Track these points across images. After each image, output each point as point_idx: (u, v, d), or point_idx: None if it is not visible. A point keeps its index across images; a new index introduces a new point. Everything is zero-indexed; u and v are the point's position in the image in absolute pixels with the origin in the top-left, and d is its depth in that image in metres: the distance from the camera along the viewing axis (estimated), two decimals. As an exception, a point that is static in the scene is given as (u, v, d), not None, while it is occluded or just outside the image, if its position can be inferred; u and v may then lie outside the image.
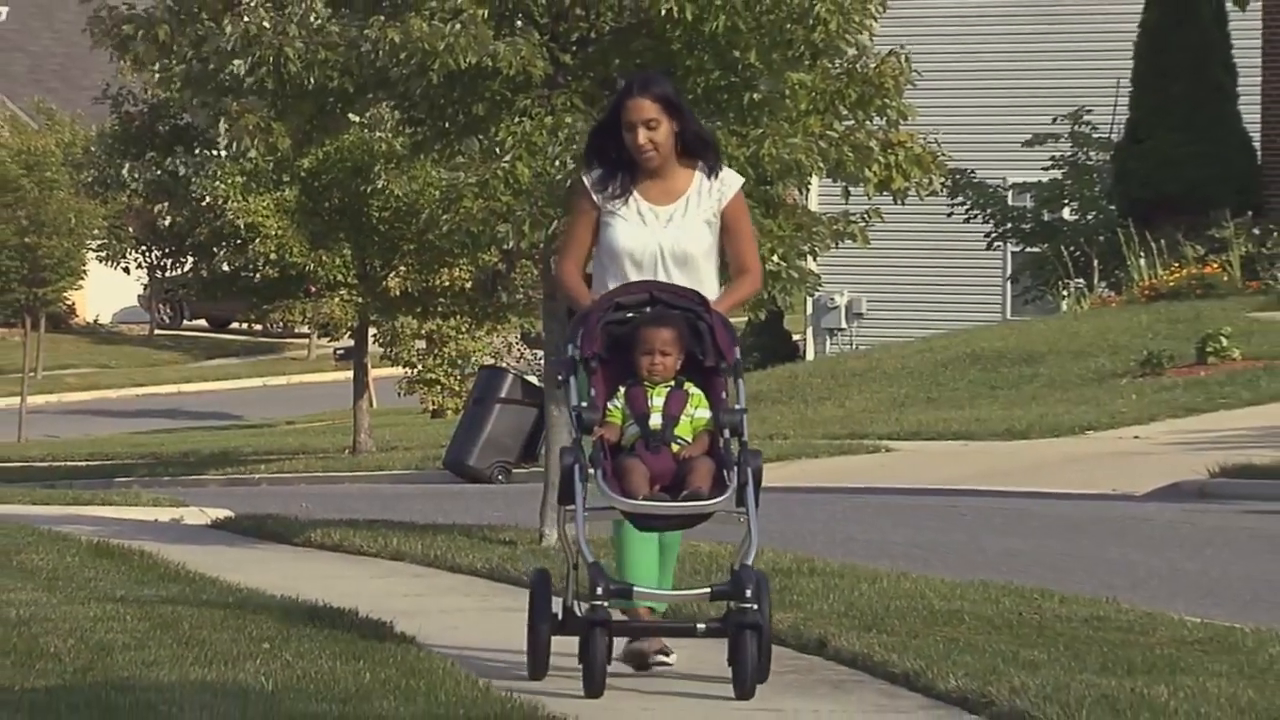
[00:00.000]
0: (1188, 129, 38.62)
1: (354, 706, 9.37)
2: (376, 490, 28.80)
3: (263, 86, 17.14)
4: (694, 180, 10.31)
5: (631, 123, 10.19)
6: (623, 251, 10.27)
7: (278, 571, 15.23)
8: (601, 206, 10.31)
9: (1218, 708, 9.30)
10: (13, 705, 9.40)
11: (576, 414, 9.83)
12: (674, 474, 9.75)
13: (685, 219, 10.26)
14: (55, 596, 13.44)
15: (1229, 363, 32.47)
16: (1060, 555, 17.39)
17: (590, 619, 9.54)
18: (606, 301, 10.06)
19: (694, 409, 9.86)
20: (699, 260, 10.26)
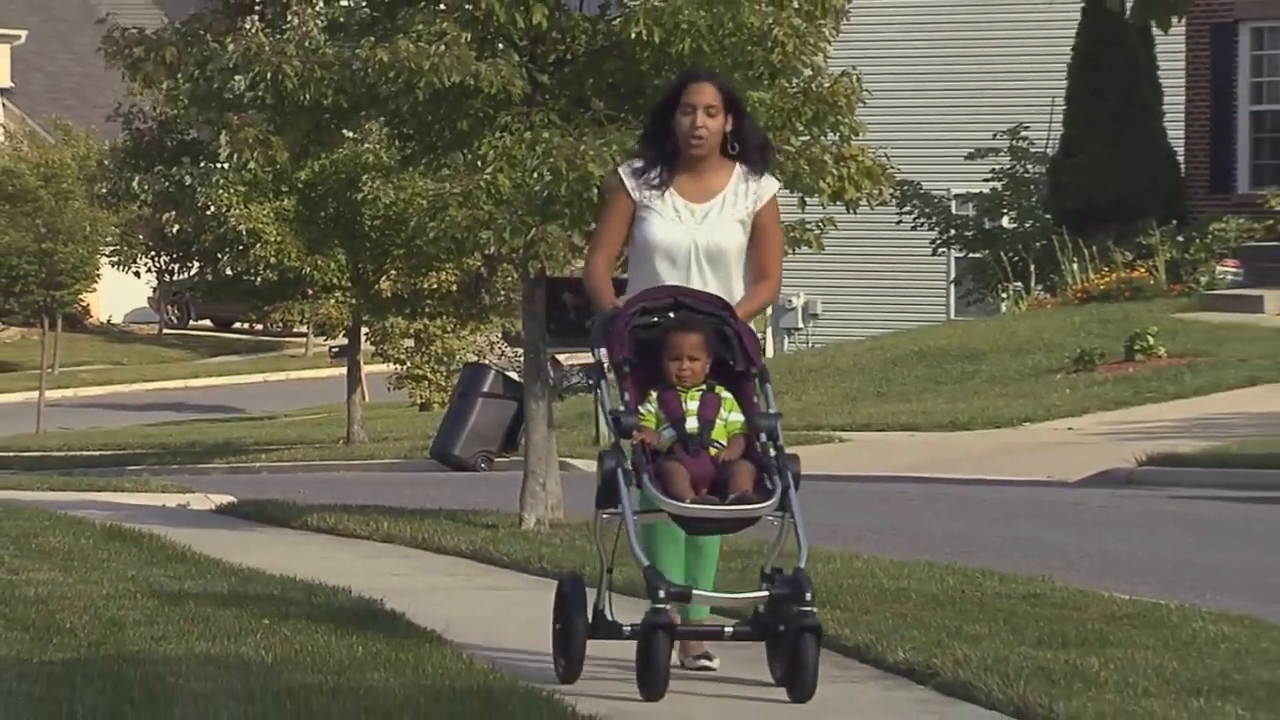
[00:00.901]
0: (1117, 144, 38.70)
1: (347, 678, 9.36)
2: (369, 478, 28.78)
3: (262, 102, 17.14)
4: (731, 180, 9.74)
5: (692, 105, 9.61)
6: (657, 246, 9.73)
7: (277, 553, 15.23)
8: (638, 200, 9.76)
9: (1144, 677, 9.31)
10: (31, 676, 9.39)
11: (615, 418, 9.21)
12: (713, 478, 9.19)
13: (720, 217, 9.71)
14: (71, 576, 13.43)
15: (1155, 360, 32.51)
16: (1000, 537, 17.41)
17: (652, 622, 8.91)
18: (632, 306, 9.48)
19: (727, 413, 9.34)
20: (731, 258, 9.74)
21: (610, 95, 16.79)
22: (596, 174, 16.09)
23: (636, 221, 9.73)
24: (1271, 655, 10.13)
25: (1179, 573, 14.67)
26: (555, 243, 16.62)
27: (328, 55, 16.74)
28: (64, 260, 52.86)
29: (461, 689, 9.06)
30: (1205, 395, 30.02)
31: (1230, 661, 9.90)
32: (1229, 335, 33.41)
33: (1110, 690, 9.04)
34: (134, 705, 8.65)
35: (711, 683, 9.59)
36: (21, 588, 12.74)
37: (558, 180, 16.19)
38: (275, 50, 16.90)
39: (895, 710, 9.18)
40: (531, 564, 14.59)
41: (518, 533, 16.35)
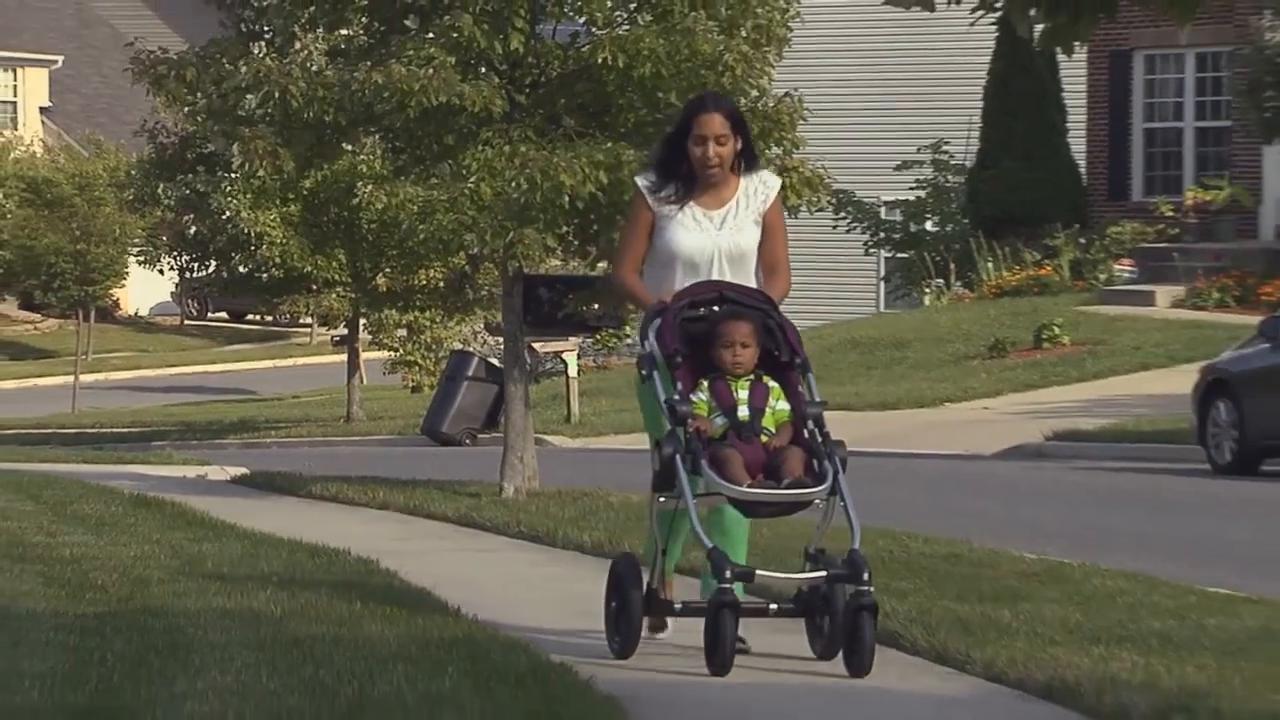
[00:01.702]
0: (1027, 158, 38.81)
1: (347, 629, 9.36)
2: (366, 452, 28.77)
3: (271, 118, 17.12)
4: (739, 185, 9.18)
5: (702, 136, 9.07)
6: (681, 254, 9.11)
7: (285, 518, 15.23)
8: (657, 211, 9.17)
9: (1050, 628, 9.33)
10: (66, 628, 9.38)
11: (670, 407, 8.61)
12: (765, 463, 8.63)
13: (737, 220, 9.15)
14: (102, 539, 13.42)
15: (1060, 347, 32.58)
16: (925, 504, 17.44)
17: (719, 601, 8.40)
18: (681, 300, 8.88)
19: (775, 401, 8.75)
20: (750, 259, 9.16)
21: (580, 113, 16.79)
22: (568, 184, 16.10)
23: (657, 231, 9.19)
24: (1162, 607, 10.15)
25: (1081, 535, 14.71)
26: (531, 244, 16.62)
27: (329, 77, 16.72)
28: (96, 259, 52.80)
29: (448, 638, 9.07)
30: (1104, 379, 30.12)
31: (1126, 613, 9.92)
32: (1124, 326, 33.49)
33: (1020, 639, 9.06)
34: (158, 653, 8.65)
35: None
36: (58, 549, 12.73)
37: (533, 189, 16.19)
38: (282, 72, 16.88)
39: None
40: (511, 528, 14.60)
41: (498, 500, 16.35)
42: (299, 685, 7.90)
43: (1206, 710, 7.60)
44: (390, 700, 7.60)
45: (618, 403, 33.80)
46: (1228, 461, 21.78)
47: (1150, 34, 37.72)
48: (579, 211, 16.47)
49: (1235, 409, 21.82)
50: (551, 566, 12.77)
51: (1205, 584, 11.20)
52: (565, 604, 10.85)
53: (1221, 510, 17.75)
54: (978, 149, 40.22)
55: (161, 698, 7.63)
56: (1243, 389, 21.85)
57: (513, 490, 16.77)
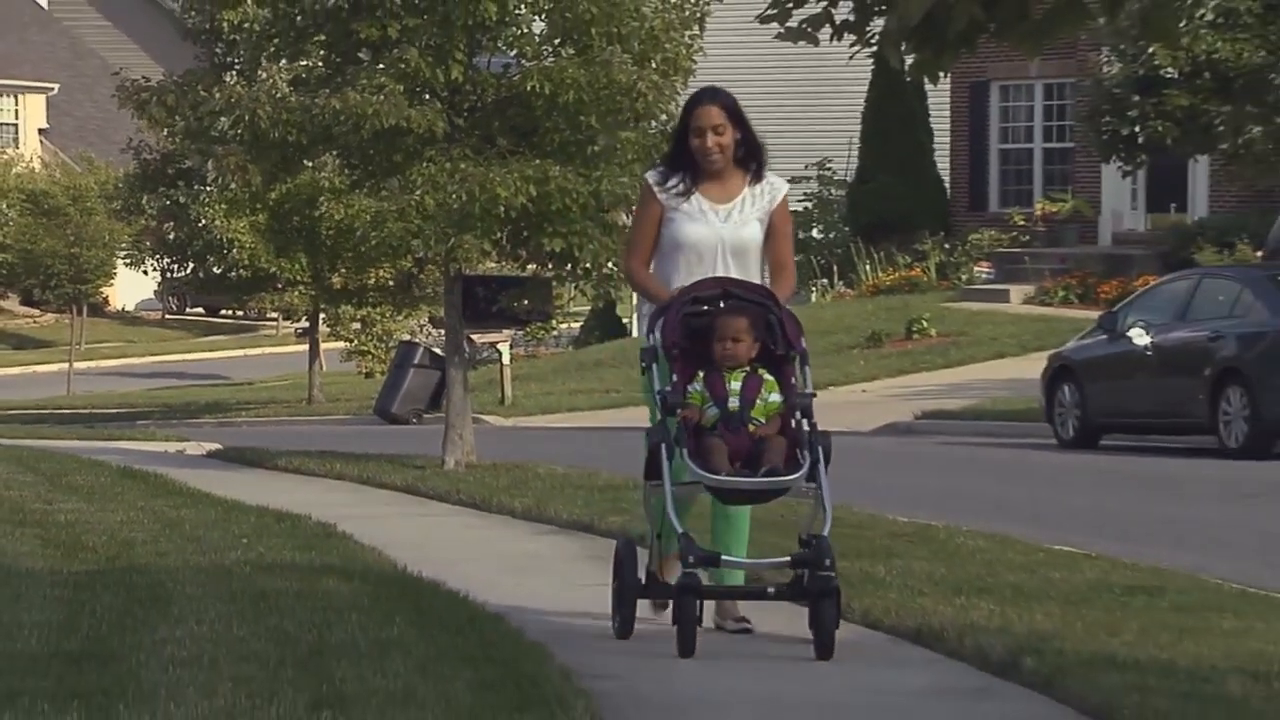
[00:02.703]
0: (900, 174, 38.98)
1: (308, 583, 9.32)
2: (325, 430, 28.67)
3: (241, 138, 17.04)
4: (746, 182, 8.49)
5: (700, 128, 8.39)
6: (686, 244, 8.40)
7: (254, 487, 15.16)
8: (665, 204, 8.44)
9: (919, 581, 9.36)
10: (61, 583, 9.33)
11: (661, 397, 7.96)
12: (751, 452, 7.93)
13: (742, 215, 8.43)
14: (92, 506, 13.34)
15: (928, 338, 32.73)
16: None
17: (682, 584, 7.74)
18: (685, 295, 8.17)
19: (768, 393, 8.03)
20: (753, 253, 8.44)
21: (511, 134, 16.76)
22: (503, 195, 16.08)
23: (665, 223, 8.46)
24: (1015, 563, 10.20)
25: (945, 500, 14.76)
26: (470, 249, 16.60)
27: (292, 102, 16.64)
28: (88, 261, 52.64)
29: (397, 592, 9.05)
30: (965, 365, 30.28)
31: (984, 568, 9.96)
32: (983, 320, 33.65)
33: (893, 591, 9.09)
34: (142, 605, 8.60)
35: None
36: (54, 515, 12.65)
37: (471, 201, 16.16)
38: (251, 98, 16.79)
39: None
40: (451, 496, 14.57)
41: (440, 472, 16.32)
42: (265, 632, 7.87)
43: (1052, 651, 7.64)
44: (345, 645, 7.58)
45: (546, 386, 33.77)
46: (1071, 437, 21.92)
47: (1004, 67, 37.90)
48: (511, 220, 16.46)
49: (1078, 391, 21.96)
50: (487, 529, 12.76)
51: (1052, 543, 11.26)
52: (499, 561, 10.84)
53: (1066, 479, 17.85)
54: (857, 166, 40.40)
55: (145, 644, 7.60)
56: (1084, 374, 21.99)
57: (453, 463, 16.73)
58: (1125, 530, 12.79)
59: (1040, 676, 7.35)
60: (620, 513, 12.32)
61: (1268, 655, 7.59)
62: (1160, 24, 5.45)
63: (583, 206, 16.36)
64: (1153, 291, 22.86)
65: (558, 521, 12.61)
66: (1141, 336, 21.34)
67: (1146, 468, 19.11)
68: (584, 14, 16.28)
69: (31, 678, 6.89)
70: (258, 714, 6.33)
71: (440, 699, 6.57)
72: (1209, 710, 6.63)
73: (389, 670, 7.03)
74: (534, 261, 17.65)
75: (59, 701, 6.46)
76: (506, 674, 7.01)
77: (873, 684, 7.40)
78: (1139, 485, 17.06)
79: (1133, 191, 37.11)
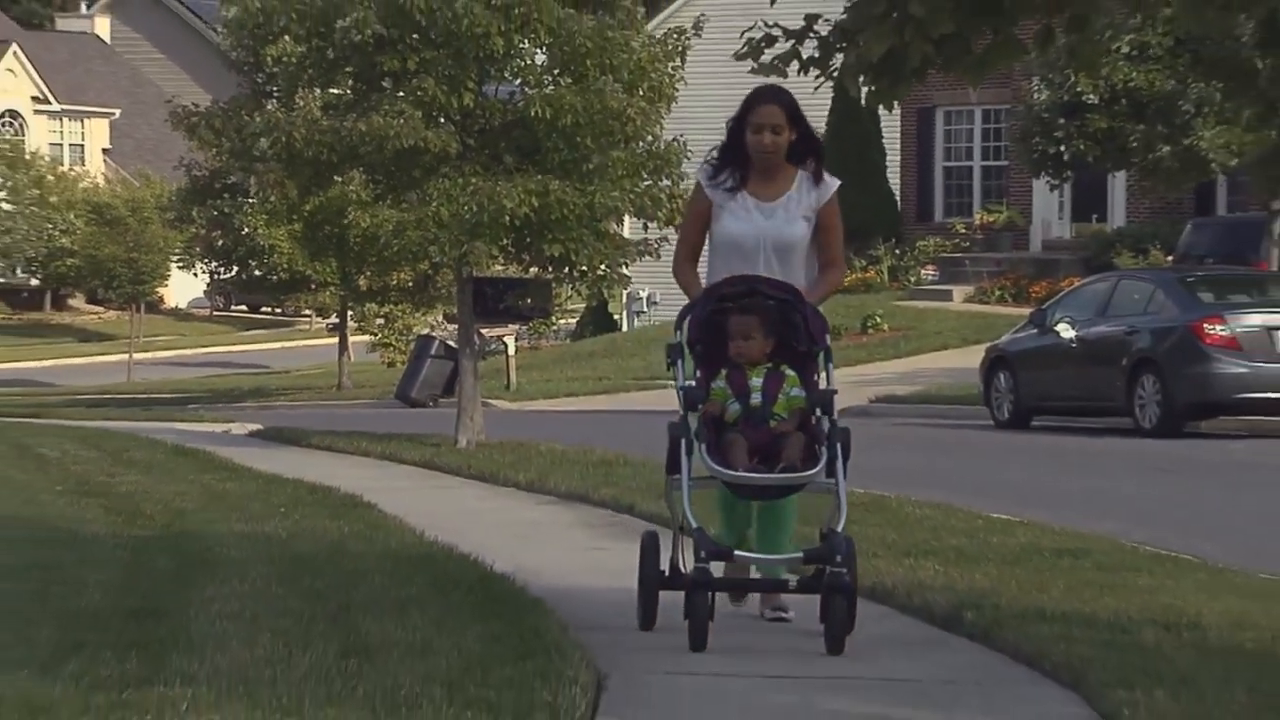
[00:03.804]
0: (857, 189, 38.56)
1: (338, 547, 9.31)
2: (353, 412, 28.64)
3: (279, 157, 17.01)
4: (796, 180, 7.52)
5: (759, 125, 7.44)
6: (732, 240, 7.48)
7: (290, 463, 15.16)
8: (714, 200, 7.53)
9: (873, 545, 9.34)
10: (123, 546, 9.31)
11: (685, 392, 7.14)
12: (770, 447, 7.10)
13: (787, 213, 7.48)
14: (149, 479, 13.33)
15: (881, 332, 32.72)
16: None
17: (693, 579, 6.90)
18: (712, 294, 7.33)
19: (789, 389, 7.21)
20: (797, 250, 7.49)
21: (516, 153, 16.74)
22: (508, 206, 16.08)
23: (714, 218, 7.55)
24: (958, 529, 10.19)
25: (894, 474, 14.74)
26: (480, 254, 16.60)
27: (323, 125, 16.62)
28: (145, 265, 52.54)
29: (415, 555, 9.03)
30: (914, 356, 30.27)
31: (930, 533, 9.94)
32: (929, 316, 33.64)
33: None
34: (192, 566, 8.59)
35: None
36: (115, 486, 12.63)
37: (481, 212, 16.15)
38: (288, 122, 16.78)
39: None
40: (463, 470, 14.56)
41: (454, 450, 16.30)
42: (299, 591, 7.85)
43: (990, 606, 7.63)
44: (370, 602, 7.56)
45: (546, 374, 33.74)
46: (1006, 418, 21.92)
47: (948, 95, 37.91)
48: (516, 229, 16.44)
49: (1012, 379, 21.96)
50: (494, 500, 12.75)
51: (990, 511, 11.25)
52: (505, 529, 10.82)
53: (1002, 456, 17.85)
54: (819, 182, 40.41)
55: (195, 601, 7.58)
56: (1017, 364, 22.00)
57: (465, 442, 16.71)
58: (1053, 500, 12.79)
59: (979, 628, 7.34)
60: (612, 485, 12.31)
61: (1177, 609, 7.59)
62: (1084, 56, 5.46)
63: (579, 217, 16.37)
64: (1077, 291, 22.87)
65: (556, 493, 12.60)
66: (1067, 331, 21.35)
67: (1072, 445, 19.12)
68: (580, 47, 16.27)
69: (95, 630, 6.87)
70: (293, 662, 6.31)
71: (453, 649, 6.56)
72: (1126, 657, 6.63)
73: (408, 624, 7.01)
74: (536, 265, 17.64)
75: (119, 651, 6.44)
76: (511, 627, 7.00)
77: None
78: (1065, 461, 17.06)
79: (1060, 203, 37.15)
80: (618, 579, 8.57)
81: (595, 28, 16.32)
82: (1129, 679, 6.23)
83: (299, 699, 5.75)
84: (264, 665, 6.25)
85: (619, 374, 32.36)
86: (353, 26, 16.27)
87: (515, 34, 16.28)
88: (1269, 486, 14.31)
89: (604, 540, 10.06)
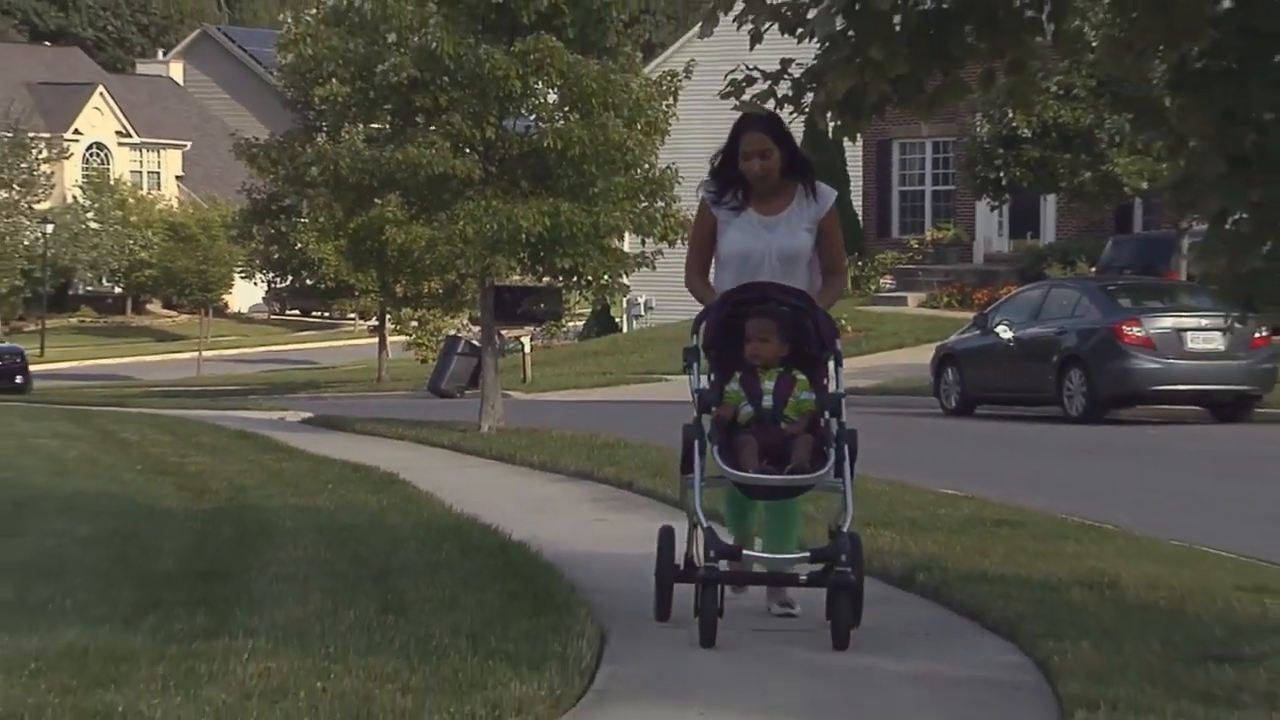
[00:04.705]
0: (824, 209, 38.92)
1: (378, 518, 9.30)
2: (391, 402, 28.61)
3: (327, 182, 17.01)
4: (795, 195, 6.90)
5: (748, 152, 6.79)
6: (739, 253, 6.84)
7: (337, 446, 15.14)
8: (720, 218, 6.89)
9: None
10: (192, 518, 9.30)
11: (699, 395, 6.52)
12: (780, 449, 6.43)
13: (789, 226, 6.85)
14: (215, 459, 13.31)
15: (845, 334, 32.54)
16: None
17: (704, 576, 6.21)
18: (727, 299, 6.68)
19: (800, 393, 6.57)
20: (801, 260, 6.85)
21: (531, 179, 16.73)
22: (525, 225, 16.09)
23: (720, 233, 6.91)
24: (911, 503, 10.16)
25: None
26: (500, 266, 16.60)
27: (365, 155, 16.62)
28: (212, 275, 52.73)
29: (446, 525, 9.02)
30: (874, 353, 30.23)
31: (887, 506, 9.90)
32: (887, 319, 33.62)
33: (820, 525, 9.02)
34: (252, 535, 8.58)
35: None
36: (186, 466, 12.61)
37: (501, 229, 16.14)
38: (335, 153, 16.79)
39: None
40: (486, 452, 14.53)
41: (477, 434, 16.28)
42: (345, 556, 7.84)
43: (938, 569, 7.62)
44: (406, 565, 7.55)
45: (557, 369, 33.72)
46: (953, 407, 21.90)
47: (903, 129, 37.92)
48: (531, 244, 16.43)
49: (958, 373, 21.95)
50: (513, 478, 12.72)
51: (939, 488, 11.23)
52: (522, 502, 10.81)
53: (949, 439, 17.82)
54: (791, 204, 40.32)
55: (255, 564, 7.57)
56: (963, 360, 21.99)
57: (487, 427, 16.70)
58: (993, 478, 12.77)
59: (930, 588, 7.33)
60: (614, 465, 12.28)
61: (1100, 571, 7.58)
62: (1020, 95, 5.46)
63: (585, 234, 16.37)
64: (1014, 298, 22.86)
65: (566, 471, 12.58)
66: (1006, 331, 21.35)
67: (1009, 430, 19.10)
68: (586, 88, 16.27)
69: (169, 589, 6.86)
70: (339, 616, 6.30)
71: (477, 605, 6.55)
72: (1056, 612, 6.62)
73: (439, 583, 7.00)
74: (548, 275, 17.63)
75: (190, 607, 6.43)
76: (527, 586, 6.99)
77: (801, 593, 7.39)
78: (1004, 444, 17.04)
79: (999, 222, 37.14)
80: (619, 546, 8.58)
81: (600, 71, 16.32)
82: (1058, 631, 6.22)
83: (344, 648, 5.75)
84: (314, 619, 6.24)
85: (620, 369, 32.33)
86: (391, 70, 16.27)
87: (530, 77, 16.27)
88: (1178, 467, 14.30)
89: (607, 513, 10.04)
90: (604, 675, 5.75)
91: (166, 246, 55.61)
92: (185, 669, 5.42)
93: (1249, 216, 5.42)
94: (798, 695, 5.53)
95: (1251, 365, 20.16)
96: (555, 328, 38.93)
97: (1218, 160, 5.35)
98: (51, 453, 13.77)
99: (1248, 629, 6.35)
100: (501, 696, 5.16)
